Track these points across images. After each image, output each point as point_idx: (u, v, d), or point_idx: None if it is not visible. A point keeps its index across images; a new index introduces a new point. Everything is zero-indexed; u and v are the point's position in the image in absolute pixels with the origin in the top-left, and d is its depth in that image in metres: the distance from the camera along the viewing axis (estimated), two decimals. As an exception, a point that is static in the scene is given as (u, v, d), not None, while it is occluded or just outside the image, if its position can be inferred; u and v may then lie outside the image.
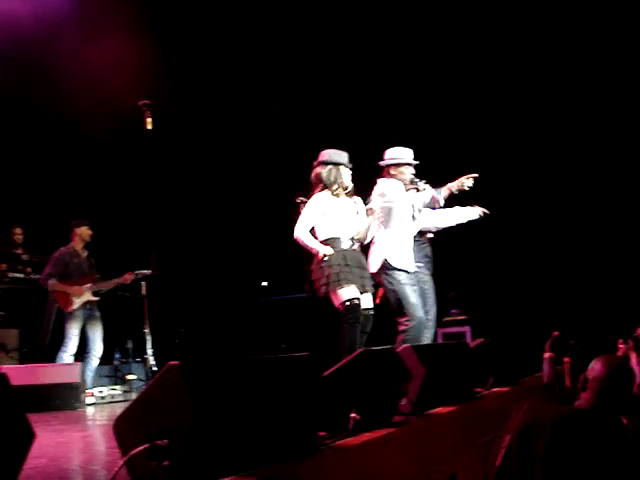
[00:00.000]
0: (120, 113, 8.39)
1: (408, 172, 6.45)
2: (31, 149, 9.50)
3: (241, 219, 11.46)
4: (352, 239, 5.96)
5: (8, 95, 8.63)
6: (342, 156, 6.09)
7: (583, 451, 3.10)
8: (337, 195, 6.00)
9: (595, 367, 3.38)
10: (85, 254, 8.16)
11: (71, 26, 8.77)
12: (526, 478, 3.12)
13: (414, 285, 6.33)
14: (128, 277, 8.04)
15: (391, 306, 6.23)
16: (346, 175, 6.07)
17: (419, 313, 6.12)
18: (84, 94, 8.89)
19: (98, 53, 8.90)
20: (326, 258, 5.73)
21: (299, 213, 6.01)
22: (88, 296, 7.90)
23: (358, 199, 6.17)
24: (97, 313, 8.03)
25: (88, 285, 7.92)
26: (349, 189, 6.10)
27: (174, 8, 9.93)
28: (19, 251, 9.08)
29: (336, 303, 5.76)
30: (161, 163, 8.43)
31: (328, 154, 6.07)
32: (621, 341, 6.19)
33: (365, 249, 6.25)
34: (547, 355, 5.02)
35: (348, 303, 5.66)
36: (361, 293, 5.80)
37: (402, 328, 6.08)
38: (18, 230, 9.17)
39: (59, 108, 9.14)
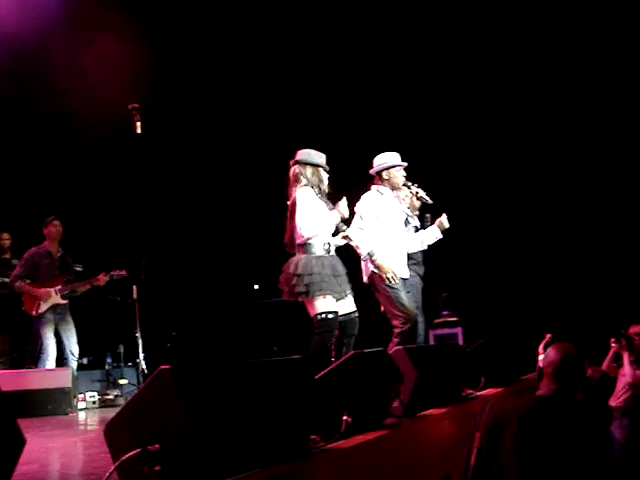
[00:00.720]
0: (109, 117, 8.37)
1: (400, 174, 6.45)
2: (19, 153, 9.45)
3: (232, 222, 11.45)
4: (327, 244, 5.70)
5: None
6: (322, 158, 5.83)
7: (549, 435, 3.16)
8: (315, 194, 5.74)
9: (549, 354, 3.48)
10: (59, 254, 8.02)
11: (60, 30, 8.74)
12: (499, 471, 3.17)
13: (409, 292, 6.34)
14: (102, 278, 7.87)
15: (385, 312, 6.22)
16: (325, 178, 5.83)
17: (413, 314, 6.12)
18: (74, 99, 8.86)
19: (87, 58, 8.89)
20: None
21: (289, 216, 5.85)
22: (57, 299, 7.75)
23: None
24: (68, 317, 7.85)
25: (58, 287, 7.77)
26: (326, 192, 5.83)
27: (164, 12, 9.92)
28: (7, 256, 9.04)
29: (311, 312, 5.57)
30: (151, 167, 8.41)
31: (308, 154, 5.79)
32: (613, 340, 6.22)
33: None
34: (542, 357, 5.03)
35: (323, 316, 5.47)
36: (340, 299, 5.63)
37: (398, 331, 6.06)
38: (5, 235, 9.12)
39: (49, 113, 9.12)
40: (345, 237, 5.97)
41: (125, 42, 8.88)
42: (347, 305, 5.72)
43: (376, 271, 6.11)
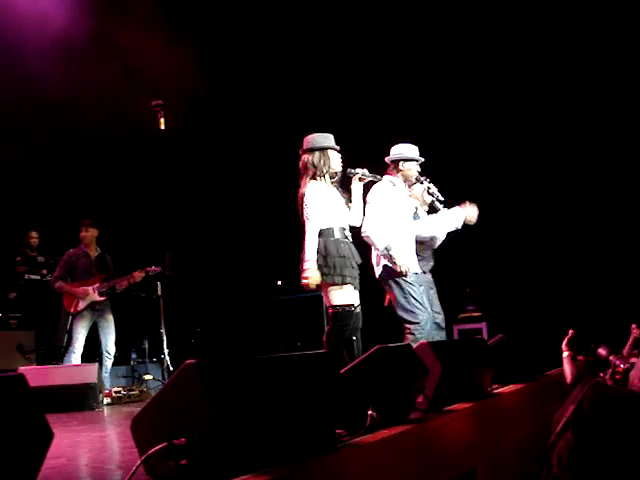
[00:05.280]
0: (133, 114, 8.40)
1: (414, 168, 6.41)
2: (43, 151, 9.51)
3: (256, 218, 11.47)
4: (343, 229, 5.66)
5: (22, 98, 8.66)
6: (328, 139, 5.73)
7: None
8: (326, 182, 5.67)
9: None
10: (96, 254, 8.16)
11: (82, 23, 8.77)
12: (580, 448, 3.16)
13: (421, 285, 6.27)
14: (137, 275, 8.01)
15: (396, 309, 6.14)
16: (335, 159, 5.71)
17: (425, 314, 6.04)
18: (98, 96, 8.91)
19: (111, 54, 8.91)
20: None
21: (299, 209, 5.71)
22: (94, 297, 7.90)
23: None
24: (108, 315, 8.03)
25: (95, 285, 7.92)
26: (339, 174, 5.78)
27: (187, 7, 9.93)
28: (34, 254, 9.16)
29: (327, 301, 5.49)
30: (175, 163, 8.44)
31: (313, 139, 5.71)
32: (635, 326, 6.11)
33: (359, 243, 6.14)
34: (566, 354, 4.97)
35: (340, 309, 5.39)
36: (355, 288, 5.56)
37: (408, 331, 5.99)
38: (34, 234, 9.27)
39: (73, 111, 9.17)
40: (361, 179, 5.91)
41: (149, 37, 8.90)
42: (355, 297, 5.63)
43: (389, 264, 6.05)
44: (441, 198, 6.62)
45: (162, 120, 7.75)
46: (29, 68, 8.52)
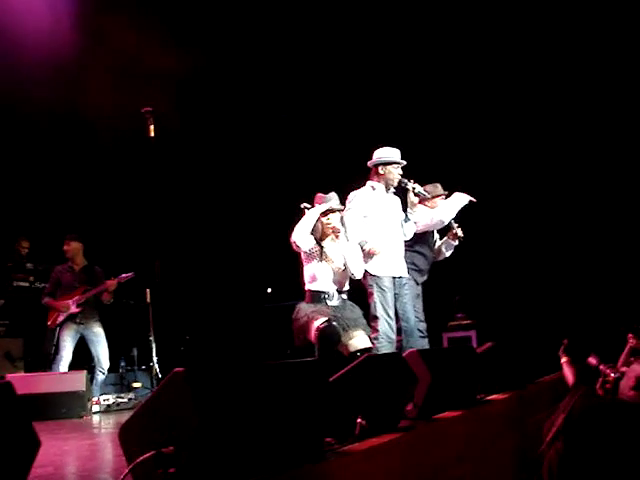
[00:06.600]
0: (123, 120, 8.38)
1: (396, 172, 6.43)
2: (29, 156, 9.48)
3: (246, 225, 11.45)
4: (339, 292, 5.85)
5: (12, 107, 8.63)
6: (328, 200, 5.88)
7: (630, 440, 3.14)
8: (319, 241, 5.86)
9: (636, 366, 3.51)
10: (79, 267, 8.16)
11: (73, 30, 8.73)
12: (570, 457, 3.16)
13: (402, 292, 6.29)
14: (110, 283, 8.01)
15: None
16: (335, 220, 5.88)
17: (386, 324, 6.07)
18: (88, 102, 8.88)
19: (100, 59, 8.88)
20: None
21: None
22: (72, 309, 7.90)
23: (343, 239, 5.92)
24: (95, 328, 7.98)
25: (75, 298, 7.94)
26: (337, 231, 5.88)
27: (178, 13, 9.92)
28: (23, 260, 9.14)
29: (312, 336, 5.58)
30: (165, 170, 8.42)
31: (317, 199, 5.90)
32: (631, 336, 6.12)
33: None
34: (564, 359, 4.99)
35: (321, 325, 5.47)
36: (346, 330, 5.66)
37: (374, 335, 6.03)
38: (25, 243, 9.25)
39: (64, 117, 9.15)
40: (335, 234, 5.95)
41: (139, 43, 8.88)
42: (358, 341, 5.71)
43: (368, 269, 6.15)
44: (428, 197, 6.67)
45: (152, 127, 7.74)
46: (15, 74, 8.48)
